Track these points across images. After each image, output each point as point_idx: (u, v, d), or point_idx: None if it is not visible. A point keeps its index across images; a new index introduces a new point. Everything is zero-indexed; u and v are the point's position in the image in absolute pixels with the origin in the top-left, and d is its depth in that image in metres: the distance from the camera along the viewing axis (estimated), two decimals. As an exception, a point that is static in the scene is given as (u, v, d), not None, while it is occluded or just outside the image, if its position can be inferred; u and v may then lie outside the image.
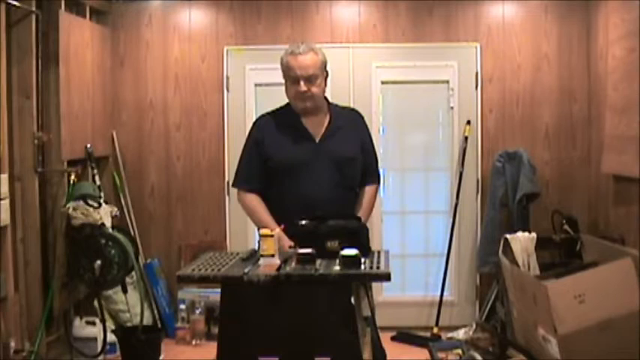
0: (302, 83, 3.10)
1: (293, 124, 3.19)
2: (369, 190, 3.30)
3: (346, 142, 3.21)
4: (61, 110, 4.31)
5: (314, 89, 3.12)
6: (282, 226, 2.94)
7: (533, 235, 4.26)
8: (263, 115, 3.36)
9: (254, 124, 3.33)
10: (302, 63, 3.10)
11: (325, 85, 3.22)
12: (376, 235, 4.92)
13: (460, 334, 4.75)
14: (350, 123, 3.30)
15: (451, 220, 5.08)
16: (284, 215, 3.02)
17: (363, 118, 3.39)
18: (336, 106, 3.36)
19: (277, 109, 3.31)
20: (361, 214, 3.16)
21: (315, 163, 3.13)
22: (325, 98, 3.26)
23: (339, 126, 3.23)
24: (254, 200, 3.19)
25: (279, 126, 3.22)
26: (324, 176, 3.12)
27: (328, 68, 3.23)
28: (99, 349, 4.36)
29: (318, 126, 3.20)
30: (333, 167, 3.14)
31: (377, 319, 3.07)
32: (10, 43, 3.93)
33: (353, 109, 3.48)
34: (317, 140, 3.17)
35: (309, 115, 3.19)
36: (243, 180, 3.24)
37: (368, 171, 3.31)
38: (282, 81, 3.20)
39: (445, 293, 5.06)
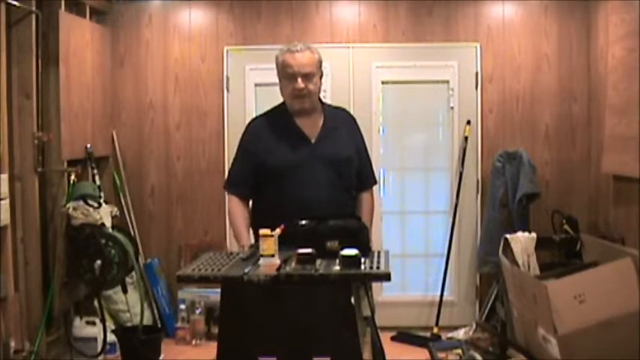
0: (300, 80, 3.07)
1: (287, 125, 3.17)
2: (366, 197, 3.30)
3: (341, 143, 3.20)
4: (61, 110, 4.31)
5: (311, 87, 3.11)
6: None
7: (533, 235, 4.26)
8: (255, 118, 3.35)
9: (247, 127, 3.31)
10: (299, 60, 3.08)
11: (321, 84, 3.20)
12: (376, 235, 4.91)
13: (460, 334, 4.76)
14: (343, 123, 3.29)
15: (451, 220, 5.08)
16: (282, 217, 2.97)
17: (354, 118, 3.39)
18: (328, 105, 3.35)
19: (270, 110, 3.29)
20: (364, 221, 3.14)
21: (311, 164, 3.11)
22: (319, 98, 3.25)
23: (333, 126, 3.21)
24: (237, 209, 3.20)
25: (273, 128, 3.19)
26: (321, 177, 3.10)
27: (323, 68, 3.21)
28: (99, 349, 4.36)
29: (312, 126, 3.18)
30: (330, 168, 3.12)
31: (377, 319, 3.06)
32: (10, 43, 3.93)
33: (344, 110, 3.46)
34: (312, 141, 3.15)
35: (304, 116, 3.17)
36: (233, 184, 3.26)
37: (363, 173, 3.30)
38: (279, 86, 3.20)
39: (445, 293, 5.06)
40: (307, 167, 3.10)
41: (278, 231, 2.80)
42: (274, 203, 3.13)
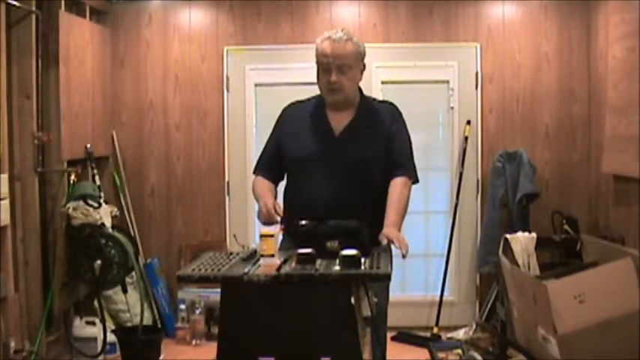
0: (334, 73, 2.90)
1: (317, 116, 3.02)
2: (397, 182, 2.97)
3: (369, 141, 2.98)
4: (61, 110, 4.31)
5: (345, 81, 2.92)
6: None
7: (533, 235, 4.26)
8: (293, 103, 3.19)
9: (282, 112, 3.17)
10: (337, 51, 2.90)
11: (360, 78, 3.02)
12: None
13: (460, 334, 4.76)
14: (380, 118, 3.04)
15: (451, 220, 5.08)
16: (295, 212, 2.90)
17: (400, 113, 3.12)
18: (371, 99, 3.15)
19: (308, 99, 3.14)
20: (392, 212, 2.91)
21: (330, 159, 2.95)
22: (360, 90, 3.08)
23: (365, 122, 3.00)
24: (261, 182, 3.07)
25: (303, 117, 3.06)
26: (339, 175, 2.94)
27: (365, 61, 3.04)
28: (99, 349, 4.36)
29: (342, 120, 3.00)
30: (349, 166, 2.95)
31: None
32: (10, 43, 3.93)
33: (389, 104, 3.18)
34: (336, 135, 3.00)
35: (337, 109, 3.01)
36: (261, 167, 3.13)
37: (396, 162, 3.00)
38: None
39: (445, 293, 5.07)
40: (325, 162, 2.96)
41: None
42: (290, 197, 3.05)
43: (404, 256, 2.77)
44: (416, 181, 3.10)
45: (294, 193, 3.06)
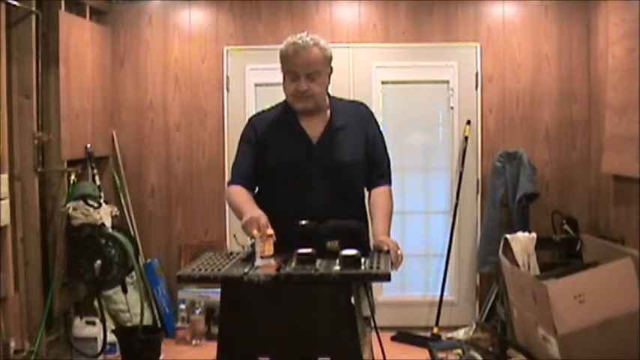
0: (302, 81, 2.79)
1: (289, 123, 2.92)
2: (383, 191, 2.94)
3: (347, 145, 2.89)
4: (61, 110, 4.31)
5: (315, 88, 2.81)
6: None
7: (533, 235, 4.27)
8: (258, 114, 3.11)
9: (248, 122, 3.05)
10: (304, 58, 2.77)
11: (329, 82, 2.91)
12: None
13: (460, 334, 4.76)
14: (355, 121, 2.95)
15: (451, 220, 5.08)
16: (275, 221, 2.77)
17: (371, 113, 3.05)
18: (340, 101, 3.03)
19: (273, 107, 3.05)
20: (383, 221, 2.88)
21: (310, 167, 2.87)
22: (328, 94, 2.98)
23: (341, 126, 2.93)
24: (236, 189, 2.93)
25: (274, 126, 2.95)
26: (320, 183, 2.87)
27: (332, 64, 2.94)
28: (99, 349, 4.37)
29: (316, 126, 2.89)
30: (330, 173, 2.87)
31: (377, 319, 3.04)
32: (10, 43, 3.93)
33: (360, 103, 3.10)
34: (314, 142, 2.90)
35: (308, 115, 2.91)
36: (238, 178, 3.00)
37: (377, 171, 2.96)
38: (282, 81, 3.09)
39: (445, 293, 5.07)
40: (305, 171, 2.88)
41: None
42: (270, 207, 2.88)
43: (393, 268, 2.70)
44: (391, 183, 3.04)
45: (273, 202, 2.90)
